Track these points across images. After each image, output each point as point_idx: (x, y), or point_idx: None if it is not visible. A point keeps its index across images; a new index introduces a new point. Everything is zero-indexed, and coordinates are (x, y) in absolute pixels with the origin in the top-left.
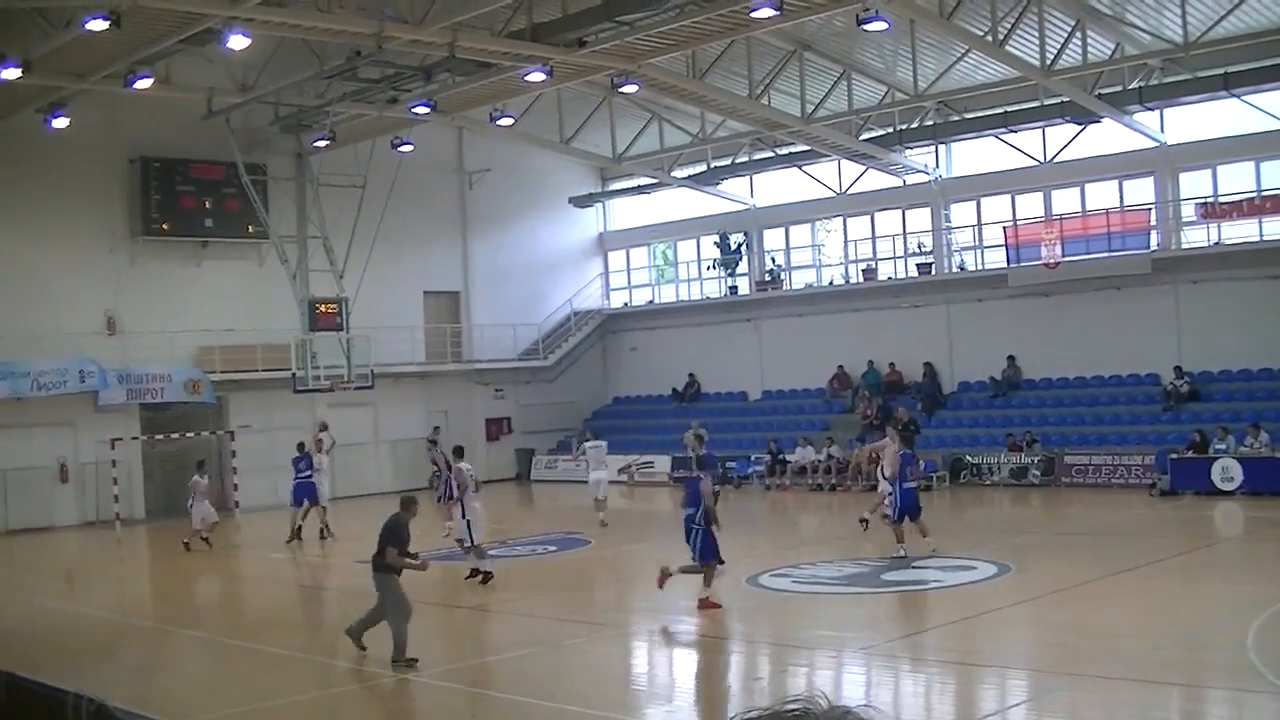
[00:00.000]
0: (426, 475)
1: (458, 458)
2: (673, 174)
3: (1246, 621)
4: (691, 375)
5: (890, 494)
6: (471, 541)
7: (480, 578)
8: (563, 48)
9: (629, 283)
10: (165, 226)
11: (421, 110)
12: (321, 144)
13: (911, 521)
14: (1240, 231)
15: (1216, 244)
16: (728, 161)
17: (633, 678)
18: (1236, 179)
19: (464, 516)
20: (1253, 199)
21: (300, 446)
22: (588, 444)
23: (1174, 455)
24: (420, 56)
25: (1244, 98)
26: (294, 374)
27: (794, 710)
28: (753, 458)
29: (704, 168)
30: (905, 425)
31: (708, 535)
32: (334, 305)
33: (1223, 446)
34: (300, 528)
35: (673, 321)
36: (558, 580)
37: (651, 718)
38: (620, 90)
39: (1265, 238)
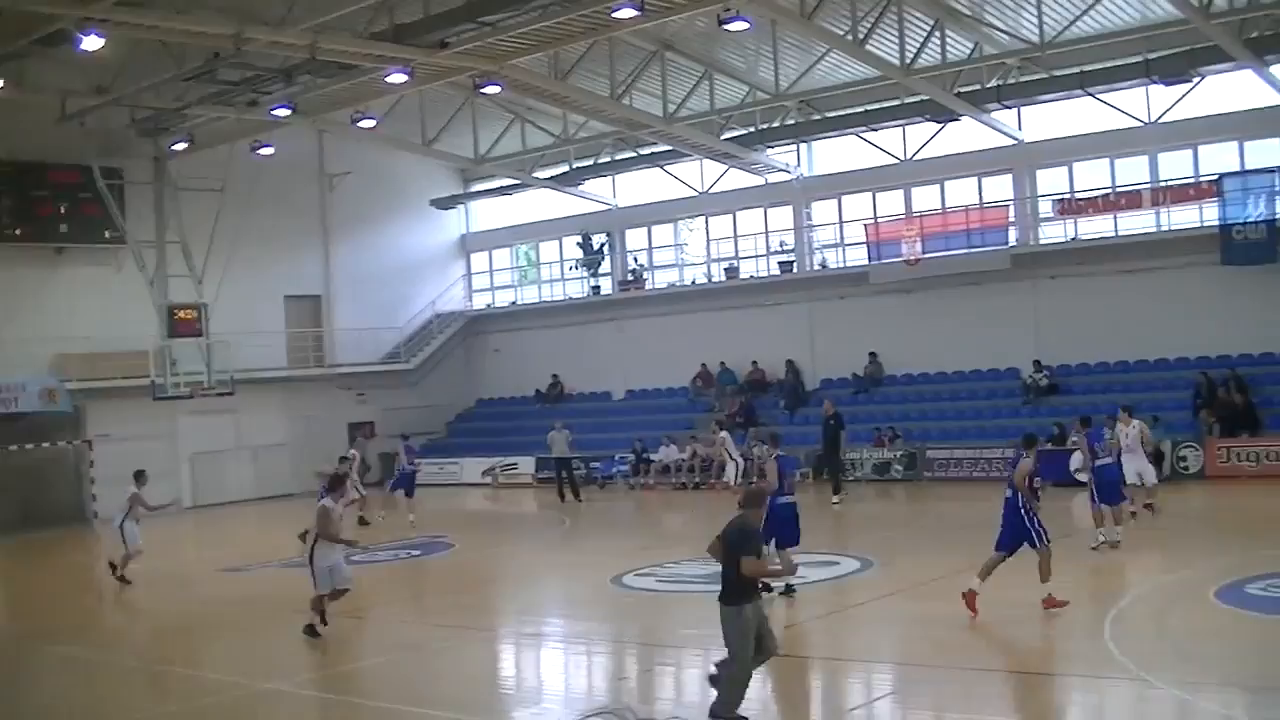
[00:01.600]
0: (288, 482)
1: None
2: (535, 175)
3: (1104, 610)
4: (555, 376)
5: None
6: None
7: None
8: (424, 49)
9: (492, 284)
10: (19, 231)
11: (282, 113)
12: (180, 147)
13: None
14: (1096, 227)
15: (1074, 240)
16: (590, 162)
17: (500, 680)
18: (1092, 176)
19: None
20: (1108, 195)
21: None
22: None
23: None
24: (280, 58)
25: (1099, 96)
26: (153, 381)
27: None
28: (617, 457)
29: (566, 168)
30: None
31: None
32: (193, 311)
33: (1076, 439)
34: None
35: (536, 322)
36: (423, 584)
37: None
38: (482, 91)
39: (1121, 233)
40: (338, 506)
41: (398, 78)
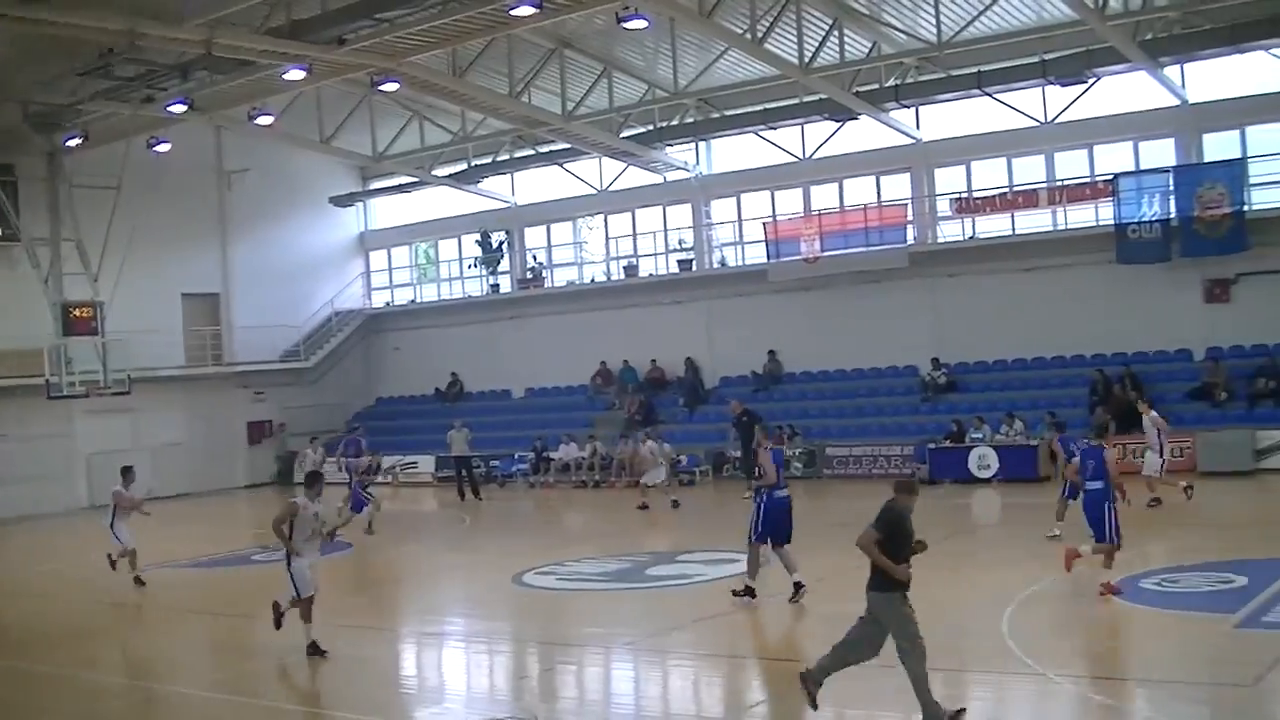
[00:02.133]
0: (187, 481)
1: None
2: (434, 172)
3: (1002, 606)
4: (454, 374)
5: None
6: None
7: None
8: (322, 45)
9: (391, 282)
10: None
11: (178, 109)
12: (74, 143)
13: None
14: (994, 226)
15: (971, 238)
16: (489, 160)
17: (402, 680)
18: (990, 175)
19: None
20: (1005, 194)
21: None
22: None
23: (932, 445)
24: (176, 54)
25: (996, 96)
26: (48, 380)
27: None
28: (517, 455)
29: (465, 166)
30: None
31: (1115, 512)
32: (88, 309)
33: (979, 435)
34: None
35: (435, 321)
36: (323, 584)
37: (421, 718)
38: (380, 88)
39: (1018, 232)
40: (312, 505)
41: (295, 74)
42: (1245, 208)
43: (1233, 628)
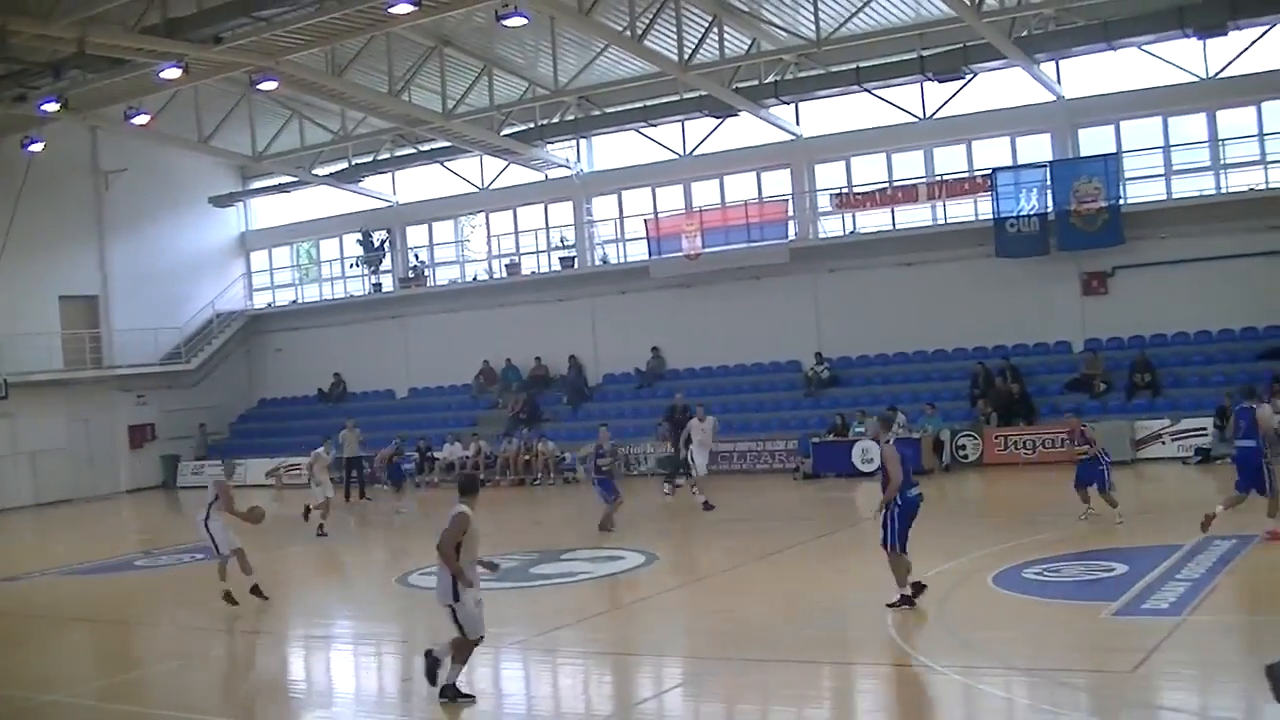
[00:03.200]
0: (67, 487)
1: None
2: (314, 172)
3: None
4: (337, 375)
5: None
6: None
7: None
8: (198, 44)
9: (272, 283)
10: None
11: (50, 107)
12: None
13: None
14: (874, 221)
15: (852, 233)
16: (369, 158)
17: (288, 684)
18: (869, 170)
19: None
20: (885, 189)
21: None
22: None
23: (815, 439)
24: (49, 52)
25: (875, 92)
26: None
27: None
28: (405, 454)
29: (346, 165)
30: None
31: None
32: None
33: (861, 429)
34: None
35: (318, 321)
36: (207, 588)
37: None
38: (259, 87)
39: (898, 226)
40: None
41: (171, 73)
42: (1120, 202)
43: (1112, 615)
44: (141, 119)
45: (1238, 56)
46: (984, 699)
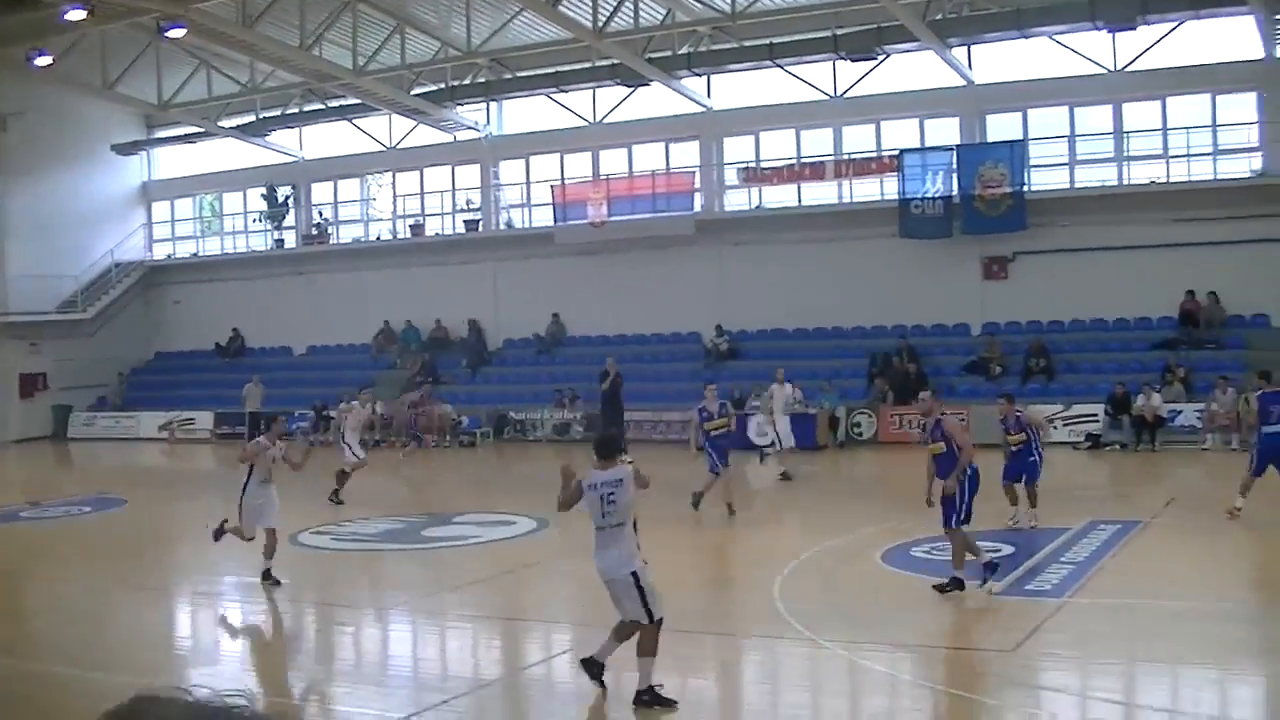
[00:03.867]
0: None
1: None
2: (220, 123)
3: (775, 572)
4: (236, 330)
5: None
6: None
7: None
8: None
9: (173, 234)
10: None
11: None
12: None
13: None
14: (780, 196)
15: (758, 208)
16: (277, 112)
17: (175, 640)
18: (778, 146)
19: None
20: (793, 165)
21: None
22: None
23: None
24: None
25: (787, 68)
26: None
27: (239, 705)
28: (297, 414)
29: (253, 118)
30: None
31: None
32: None
33: (758, 403)
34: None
35: (218, 275)
36: (95, 542)
37: (197, 679)
38: (166, 34)
39: (804, 203)
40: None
41: (76, 14)
42: (1025, 188)
43: (997, 595)
44: (44, 60)
45: (1145, 51)
46: (867, 674)
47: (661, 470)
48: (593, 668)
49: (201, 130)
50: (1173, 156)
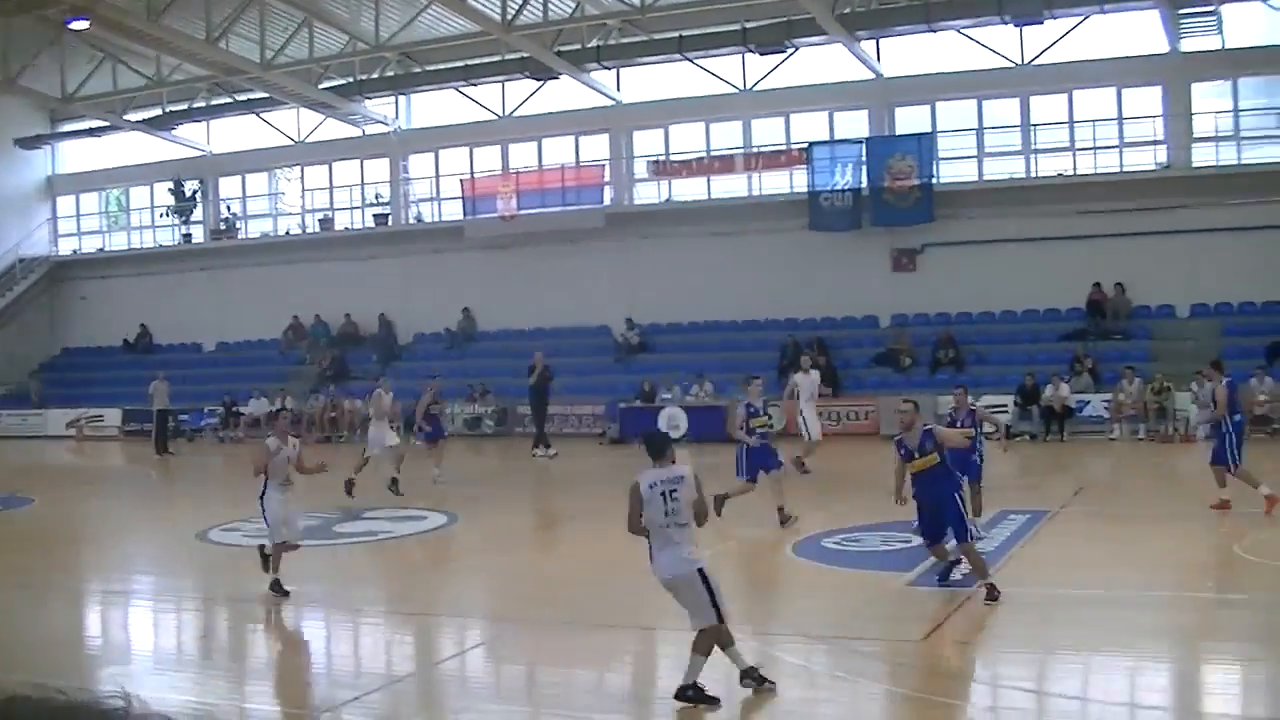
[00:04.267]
0: None
1: None
2: (126, 117)
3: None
4: (144, 326)
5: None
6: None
7: None
8: None
9: (79, 229)
10: None
11: None
12: None
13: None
14: (690, 189)
15: (668, 201)
16: (185, 106)
17: (84, 640)
18: (688, 139)
19: None
20: (702, 159)
21: None
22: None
23: (623, 404)
24: None
25: (696, 61)
26: None
27: (115, 708)
28: (206, 410)
29: (160, 112)
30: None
31: None
32: None
33: (669, 395)
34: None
35: (125, 270)
36: (1, 542)
37: (106, 680)
38: (70, 27)
39: (714, 196)
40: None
41: None
42: (933, 180)
43: (906, 585)
44: None
45: (1052, 45)
46: (781, 666)
47: (574, 464)
48: (687, 692)
49: (107, 124)
50: (1079, 149)
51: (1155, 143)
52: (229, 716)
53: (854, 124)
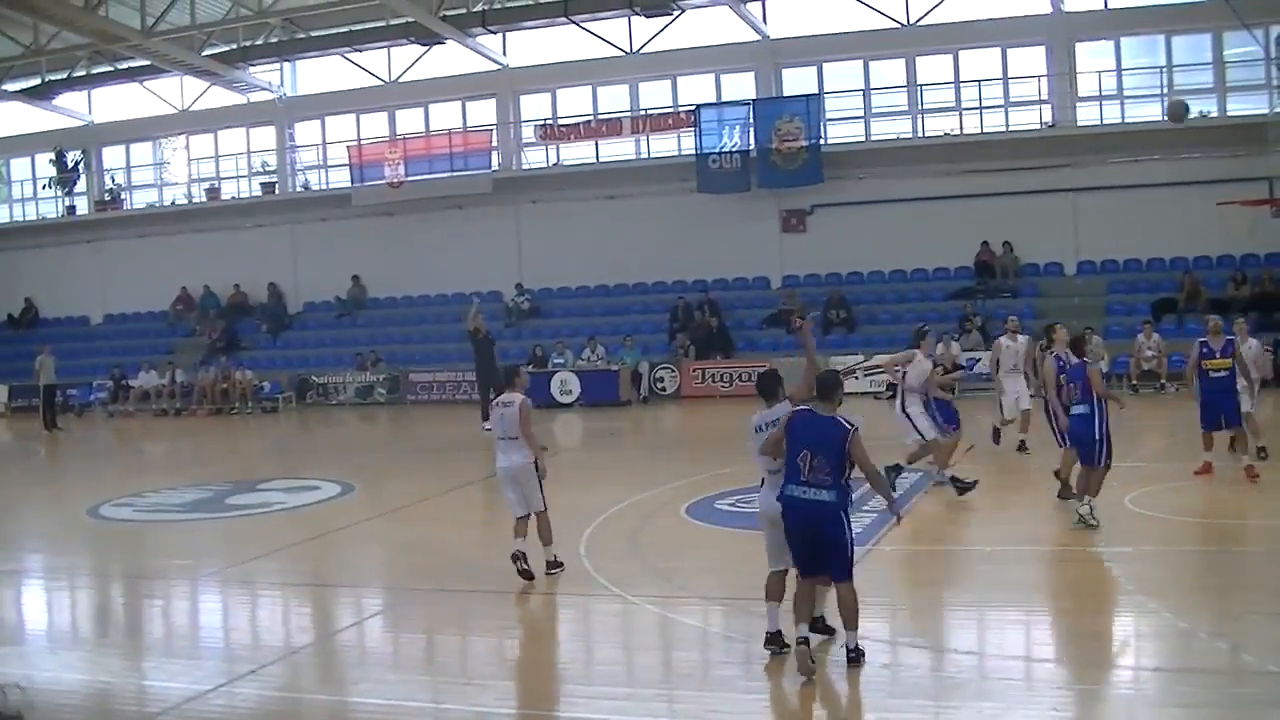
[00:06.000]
0: None
1: None
2: (4, 87)
3: (581, 528)
4: (28, 300)
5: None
6: None
7: None
8: None
9: None
10: None
11: None
12: None
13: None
14: (578, 153)
15: (556, 165)
16: (64, 75)
17: None
18: (575, 103)
19: None
20: (590, 122)
21: None
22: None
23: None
24: None
25: (583, 25)
26: None
27: None
28: (95, 384)
29: (39, 81)
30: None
31: None
32: None
33: (561, 360)
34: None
35: (7, 244)
36: None
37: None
38: None
39: (602, 160)
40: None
41: None
42: (821, 142)
43: None
44: None
45: (937, 5)
46: (678, 628)
47: (461, 432)
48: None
49: None
50: (966, 109)
51: (1040, 102)
52: (125, 694)
53: (741, 86)
